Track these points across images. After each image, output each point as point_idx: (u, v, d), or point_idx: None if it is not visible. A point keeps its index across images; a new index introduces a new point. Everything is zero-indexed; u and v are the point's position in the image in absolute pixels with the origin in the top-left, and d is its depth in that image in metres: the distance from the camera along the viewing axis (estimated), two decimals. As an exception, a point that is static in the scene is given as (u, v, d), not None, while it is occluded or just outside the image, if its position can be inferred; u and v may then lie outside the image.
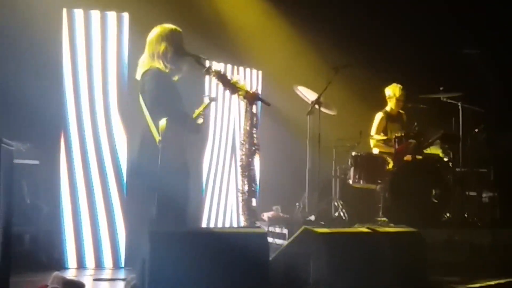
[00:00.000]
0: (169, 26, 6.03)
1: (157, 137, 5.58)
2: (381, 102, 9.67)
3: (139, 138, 5.84)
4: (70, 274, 6.78)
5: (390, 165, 8.90)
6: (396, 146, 8.85)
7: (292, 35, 10.34)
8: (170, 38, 5.94)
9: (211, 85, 8.78)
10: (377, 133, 9.40)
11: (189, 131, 5.98)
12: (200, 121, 5.92)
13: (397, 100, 9.46)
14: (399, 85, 9.48)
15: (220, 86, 6.06)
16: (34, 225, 7.06)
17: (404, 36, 10.55)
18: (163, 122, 5.55)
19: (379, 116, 9.51)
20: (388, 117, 9.55)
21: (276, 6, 10.19)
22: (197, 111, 5.89)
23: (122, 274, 6.92)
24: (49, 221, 7.14)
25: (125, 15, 7.45)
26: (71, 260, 7.19)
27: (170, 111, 5.70)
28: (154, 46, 5.95)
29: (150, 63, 5.93)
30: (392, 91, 9.49)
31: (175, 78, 6.02)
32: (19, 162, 6.90)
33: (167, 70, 5.90)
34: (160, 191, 5.54)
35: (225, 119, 9.42)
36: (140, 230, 5.92)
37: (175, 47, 5.91)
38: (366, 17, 10.57)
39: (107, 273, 7.04)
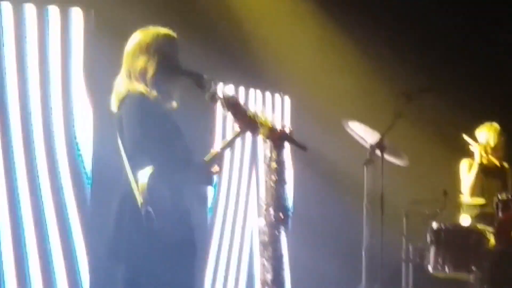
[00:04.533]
0: (155, 30, 5.01)
1: (140, 199, 4.73)
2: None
3: (117, 201, 4.82)
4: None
5: (491, 244, 7.69)
6: (500, 215, 7.63)
7: (340, 46, 8.70)
8: (154, 48, 4.94)
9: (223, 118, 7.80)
10: (472, 192, 8.08)
11: (196, 183, 5.20)
12: (216, 169, 5.02)
13: (493, 150, 8.15)
14: (494, 125, 8.16)
15: (232, 119, 5.05)
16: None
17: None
18: (144, 178, 4.69)
19: (467, 165, 8.15)
20: (484, 169, 8.16)
21: (316, 4, 8.52)
22: (211, 153, 4.99)
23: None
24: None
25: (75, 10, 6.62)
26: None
27: (159, 158, 4.78)
28: (131, 62, 4.95)
29: (128, 86, 4.97)
30: (487, 135, 8.13)
31: (174, 104, 5.12)
32: None
33: (151, 96, 5.00)
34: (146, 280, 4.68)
35: (240, 168, 8.09)
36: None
37: (163, 62, 4.90)
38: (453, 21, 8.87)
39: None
